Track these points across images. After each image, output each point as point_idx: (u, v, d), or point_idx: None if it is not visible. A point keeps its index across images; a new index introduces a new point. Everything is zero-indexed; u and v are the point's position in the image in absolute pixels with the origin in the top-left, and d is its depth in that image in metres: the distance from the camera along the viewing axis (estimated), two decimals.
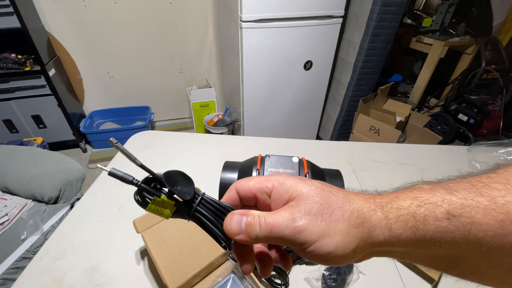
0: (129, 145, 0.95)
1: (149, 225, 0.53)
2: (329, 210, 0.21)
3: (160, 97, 2.45)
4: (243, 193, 0.25)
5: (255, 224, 0.22)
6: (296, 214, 0.21)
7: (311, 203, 0.22)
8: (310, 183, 0.23)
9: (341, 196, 0.22)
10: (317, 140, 1.49)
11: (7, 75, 1.69)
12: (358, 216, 0.21)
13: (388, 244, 0.21)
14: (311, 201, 0.22)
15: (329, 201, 0.22)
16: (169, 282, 0.47)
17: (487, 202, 0.18)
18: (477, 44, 2.05)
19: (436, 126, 2.15)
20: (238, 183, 0.26)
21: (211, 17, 2.17)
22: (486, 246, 0.18)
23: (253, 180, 0.25)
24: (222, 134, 2.11)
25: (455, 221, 0.18)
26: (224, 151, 0.93)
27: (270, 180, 0.24)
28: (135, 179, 0.23)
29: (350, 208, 0.21)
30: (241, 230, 0.22)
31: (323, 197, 0.22)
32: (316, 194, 0.22)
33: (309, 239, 0.20)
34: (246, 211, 0.23)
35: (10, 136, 1.91)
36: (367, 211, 0.21)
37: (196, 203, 0.24)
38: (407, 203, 0.21)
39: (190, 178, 0.24)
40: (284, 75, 1.76)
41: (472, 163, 0.78)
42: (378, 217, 0.21)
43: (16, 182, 1.10)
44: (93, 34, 2.01)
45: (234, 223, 0.22)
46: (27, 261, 0.87)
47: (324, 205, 0.21)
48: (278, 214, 0.22)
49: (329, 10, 1.59)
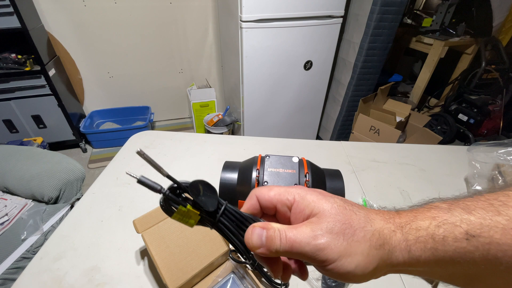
0: (129, 145, 0.95)
1: (149, 225, 0.53)
2: (351, 230, 0.21)
3: (160, 97, 2.46)
4: (263, 203, 0.25)
5: (276, 238, 0.22)
6: (317, 232, 0.21)
7: (333, 222, 0.22)
8: (332, 200, 0.23)
9: (363, 216, 0.22)
10: (317, 140, 1.49)
11: (7, 75, 1.68)
12: (379, 237, 0.21)
13: (407, 264, 0.21)
14: (333, 219, 0.22)
15: (351, 220, 0.22)
16: (169, 282, 0.47)
17: (505, 221, 0.18)
18: (477, 44, 2.05)
19: (436, 126, 2.15)
20: (258, 191, 0.26)
21: (211, 17, 2.17)
22: (504, 265, 0.18)
23: (274, 191, 0.25)
24: (222, 134, 2.11)
25: (474, 241, 0.19)
26: (224, 151, 0.93)
27: (291, 193, 0.24)
28: (163, 188, 0.23)
29: (371, 229, 0.22)
30: (262, 243, 0.22)
31: (345, 216, 0.22)
32: (338, 212, 0.22)
33: (330, 257, 0.21)
34: (267, 224, 0.23)
35: (10, 136, 1.91)
36: (387, 232, 0.21)
37: (219, 214, 0.24)
38: (425, 223, 0.21)
39: (214, 188, 0.25)
40: (284, 75, 1.76)
41: (472, 163, 0.78)
42: (398, 239, 0.21)
43: (16, 182, 1.10)
44: (93, 34, 2.01)
45: (255, 236, 0.23)
46: (27, 261, 0.87)
47: (346, 224, 0.22)
48: (299, 230, 0.22)
49: (329, 10, 1.59)
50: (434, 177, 0.84)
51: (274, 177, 0.54)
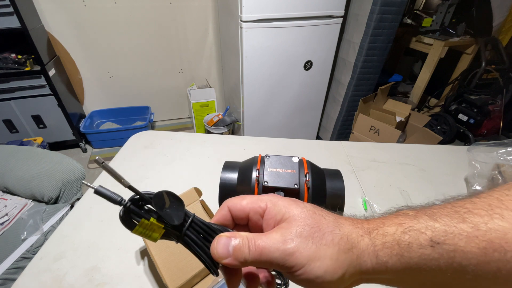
0: (129, 145, 0.95)
1: None
2: (319, 233, 0.21)
3: (160, 97, 2.45)
4: (235, 212, 0.25)
5: (244, 247, 0.21)
6: (287, 236, 0.21)
7: (302, 225, 0.22)
8: (302, 205, 0.23)
9: (332, 220, 0.22)
10: (317, 140, 1.49)
11: (7, 75, 1.69)
12: (347, 241, 0.21)
13: (376, 271, 0.21)
14: (303, 223, 0.22)
15: (320, 224, 0.22)
16: (169, 282, 0.47)
17: (469, 229, 0.18)
18: (477, 44, 2.05)
19: (436, 126, 2.15)
20: (230, 201, 0.25)
21: (211, 17, 2.17)
22: (470, 274, 0.18)
23: (247, 199, 0.25)
24: (222, 134, 2.12)
25: (438, 248, 0.18)
26: (224, 151, 0.93)
27: (263, 200, 0.24)
28: (124, 199, 0.22)
29: (340, 232, 0.22)
30: (229, 253, 0.22)
31: (314, 220, 0.22)
32: (307, 216, 0.22)
33: (299, 262, 0.20)
34: (234, 233, 0.23)
35: (10, 136, 1.91)
36: (355, 237, 0.21)
37: (185, 227, 0.23)
38: (392, 229, 0.21)
39: (181, 200, 0.24)
40: (284, 75, 1.76)
41: (472, 163, 0.78)
42: (366, 243, 0.21)
43: (16, 182, 1.10)
44: (93, 34, 2.01)
45: (220, 246, 0.22)
46: (27, 261, 0.87)
47: (315, 228, 0.22)
48: (268, 236, 0.22)
49: (329, 10, 1.59)
50: (434, 177, 0.84)
51: (274, 177, 0.54)
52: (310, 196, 0.54)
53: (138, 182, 0.78)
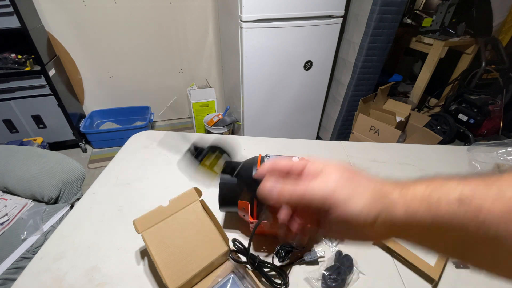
0: (129, 145, 0.95)
1: (149, 225, 0.52)
2: (356, 180, 0.24)
3: (160, 97, 2.45)
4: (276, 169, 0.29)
5: (288, 187, 0.25)
6: (327, 179, 0.24)
7: (340, 173, 0.25)
8: (338, 161, 0.27)
9: (365, 173, 0.26)
10: (317, 140, 1.49)
11: (7, 75, 1.68)
12: (380, 190, 0.24)
13: (406, 223, 0.22)
14: (340, 171, 0.25)
15: (357, 173, 0.25)
16: (169, 282, 0.47)
17: (495, 192, 0.19)
18: (477, 44, 2.05)
19: (436, 126, 2.15)
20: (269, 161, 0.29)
21: (211, 17, 2.17)
22: (492, 233, 0.19)
23: (285, 160, 0.29)
24: (222, 134, 2.12)
25: (465, 206, 0.20)
26: None
27: (303, 160, 0.28)
28: None
29: (374, 182, 0.24)
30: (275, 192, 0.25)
31: (350, 171, 0.25)
32: (344, 168, 0.25)
33: (338, 199, 0.23)
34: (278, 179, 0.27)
35: (10, 136, 1.91)
36: (387, 188, 0.24)
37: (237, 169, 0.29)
38: (422, 187, 0.23)
39: None
40: (284, 75, 1.76)
41: (472, 163, 0.78)
42: (397, 195, 0.23)
43: (16, 182, 1.10)
44: (93, 34, 2.01)
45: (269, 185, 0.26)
46: (27, 261, 0.87)
47: (351, 176, 0.25)
48: (310, 181, 0.25)
49: (329, 10, 1.59)
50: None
51: None
52: None
53: (138, 182, 0.78)
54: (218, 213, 0.67)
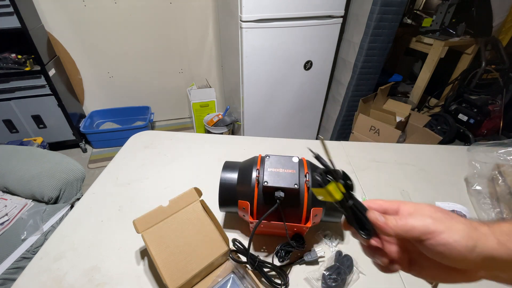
0: (129, 145, 0.95)
1: (149, 225, 0.53)
2: (449, 216, 0.26)
3: (160, 97, 2.46)
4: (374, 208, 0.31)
5: (392, 218, 0.28)
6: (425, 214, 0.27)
7: (434, 212, 0.27)
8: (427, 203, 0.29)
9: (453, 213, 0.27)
10: (317, 140, 1.49)
11: (7, 75, 1.69)
12: (471, 224, 0.26)
13: (498, 255, 0.24)
14: (434, 210, 0.27)
15: (447, 212, 0.27)
16: (169, 282, 0.47)
17: None
18: (477, 44, 2.05)
19: (436, 126, 2.15)
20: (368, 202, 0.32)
21: (211, 17, 2.17)
22: None
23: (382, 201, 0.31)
24: (222, 134, 2.12)
25: None
26: (224, 151, 0.93)
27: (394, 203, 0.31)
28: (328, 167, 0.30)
29: (463, 218, 0.26)
30: (382, 220, 0.28)
31: (441, 209, 0.28)
32: (435, 208, 0.28)
33: (439, 228, 0.25)
34: None
35: (10, 136, 1.91)
36: (476, 224, 0.26)
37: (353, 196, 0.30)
38: (506, 225, 0.25)
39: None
40: (284, 75, 1.76)
41: (472, 163, 0.78)
42: (486, 229, 0.25)
43: (16, 182, 1.10)
44: (93, 34, 2.01)
45: (376, 215, 0.29)
46: (27, 261, 0.87)
47: (444, 213, 0.27)
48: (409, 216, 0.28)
49: (329, 10, 1.59)
50: (434, 177, 0.84)
51: (274, 177, 0.54)
52: (310, 196, 0.54)
53: (138, 182, 0.78)
54: (218, 213, 0.67)
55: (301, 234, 0.60)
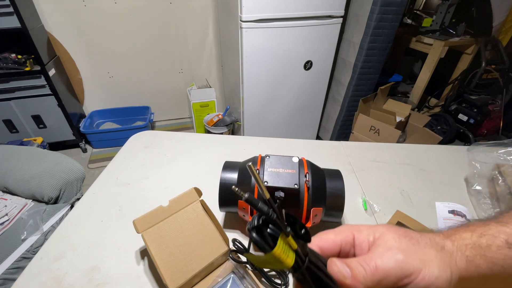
0: (129, 145, 0.95)
1: (149, 225, 0.52)
2: (414, 240, 0.23)
3: (160, 97, 2.46)
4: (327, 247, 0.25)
5: (358, 267, 0.22)
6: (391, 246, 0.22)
7: (397, 236, 0.23)
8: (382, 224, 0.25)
9: (412, 230, 0.24)
10: (317, 140, 1.49)
11: (7, 75, 1.69)
12: (436, 243, 0.23)
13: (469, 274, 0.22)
14: (395, 234, 0.23)
15: (407, 232, 0.23)
16: (169, 282, 0.47)
17: None
18: (477, 44, 2.05)
19: (436, 126, 2.15)
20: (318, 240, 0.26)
21: (211, 17, 2.18)
22: None
23: (332, 233, 0.26)
24: (222, 134, 2.11)
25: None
26: (224, 151, 0.93)
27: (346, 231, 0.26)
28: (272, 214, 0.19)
29: (426, 237, 0.23)
30: (348, 274, 0.22)
31: (400, 230, 0.24)
32: (394, 229, 0.24)
33: (416, 265, 0.21)
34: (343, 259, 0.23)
35: (10, 136, 1.91)
36: (439, 240, 0.23)
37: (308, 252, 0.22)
38: (468, 235, 0.23)
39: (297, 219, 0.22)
40: (284, 75, 1.76)
41: (472, 163, 0.78)
42: (450, 245, 0.23)
43: (16, 182, 1.10)
44: (93, 34, 2.01)
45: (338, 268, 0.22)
46: (27, 261, 0.87)
47: (407, 236, 0.23)
48: (374, 252, 0.23)
49: (329, 10, 1.59)
50: (434, 177, 0.84)
51: (274, 177, 0.54)
52: (310, 196, 0.55)
53: (138, 182, 0.78)
54: (218, 213, 0.67)
55: None
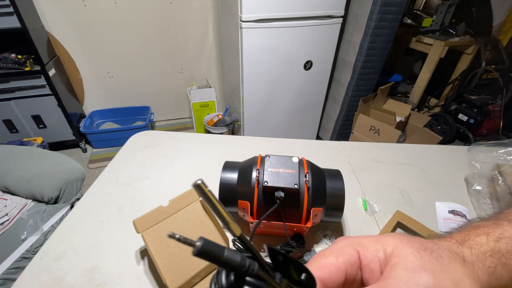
0: (129, 145, 0.95)
1: (149, 225, 0.52)
2: (435, 253, 0.19)
3: (160, 97, 2.46)
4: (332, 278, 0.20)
5: None
6: (412, 267, 0.18)
7: (412, 251, 0.19)
8: (388, 234, 0.21)
9: (421, 238, 0.20)
10: (317, 140, 1.49)
11: (7, 75, 1.68)
12: (457, 254, 0.19)
13: (490, 283, 0.19)
14: (410, 248, 0.19)
15: (424, 243, 0.19)
16: (169, 282, 0.47)
17: None
18: (477, 44, 2.05)
19: (436, 126, 2.15)
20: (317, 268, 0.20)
21: (211, 17, 2.17)
22: None
23: (332, 256, 0.20)
24: (222, 134, 2.11)
25: None
26: (224, 151, 0.93)
27: (347, 248, 0.20)
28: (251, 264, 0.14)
29: (444, 248, 0.19)
30: None
31: (414, 241, 0.19)
32: (407, 240, 0.19)
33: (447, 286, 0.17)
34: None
35: (10, 136, 1.91)
36: (456, 250, 0.19)
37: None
38: (482, 239, 0.20)
39: None
40: (284, 75, 1.76)
41: (472, 163, 0.78)
42: (468, 254, 0.19)
43: (16, 182, 1.10)
44: (93, 34, 2.01)
45: None
46: (27, 261, 0.87)
47: (427, 249, 0.19)
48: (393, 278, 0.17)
49: (329, 10, 1.59)
50: (434, 177, 0.84)
51: (274, 177, 0.54)
52: (310, 196, 0.55)
53: (138, 182, 0.78)
54: None
55: (301, 234, 0.60)
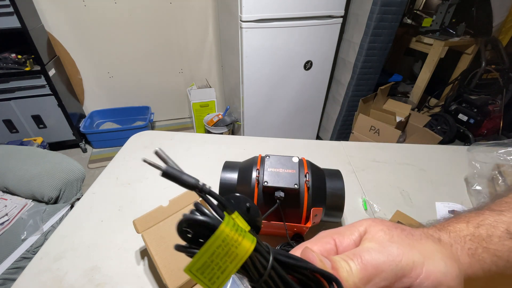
0: (129, 145, 0.95)
1: (149, 225, 0.52)
2: (405, 232, 0.19)
3: (160, 97, 2.46)
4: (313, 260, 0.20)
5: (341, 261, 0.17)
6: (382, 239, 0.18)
7: (386, 228, 0.19)
8: (366, 218, 0.21)
9: (402, 223, 0.21)
10: (317, 140, 1.49)
11: (7, 75, 1.68)
12: (431, 235, 0.19)
13: (474, 271, 0.19)
14: (384, 226, 0.19)
15: (397, 224, 0.20)
16: (169, 282, 0.47)
17: None
18: (477, 44, 2.05)
19: (436, 126, 2.15)
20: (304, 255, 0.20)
21: (211, 17, 2.17)
22: None
23: (308, 244, 0.21)
24: (222, 134, 2.11)
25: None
26: (224, 151, 0.93)
27: (325, 237, 0.21)
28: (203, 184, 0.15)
29: (418, 230, 0.19)
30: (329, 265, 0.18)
31: (389, 222, 0.20)
32: (382, 221, 0.20)
33: (416, 260, 0.17)
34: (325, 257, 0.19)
35: (10, 136, 1.91)
36: (432, 232, 0.19)
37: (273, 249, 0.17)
38: (462, 226, 0.20)
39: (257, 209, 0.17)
40: (284, 75, 1.76)
41: (472, 163, 0.78)
42: (447, 237, 0.19)
43: (16, 182, 1.10)
44: (93, 34, 2.01)
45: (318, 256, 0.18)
46: (27, 261, 0.87)
47: (398, 228, 0.19)
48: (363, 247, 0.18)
49: (329, 10, 1.59)
50: (434, 177, 0.84)
51: (274, 177, 0.54)
52: (310, 196, 0.55)
53: (138, 182, 0.78)
54: None
55: (301, 234, 0.60)
